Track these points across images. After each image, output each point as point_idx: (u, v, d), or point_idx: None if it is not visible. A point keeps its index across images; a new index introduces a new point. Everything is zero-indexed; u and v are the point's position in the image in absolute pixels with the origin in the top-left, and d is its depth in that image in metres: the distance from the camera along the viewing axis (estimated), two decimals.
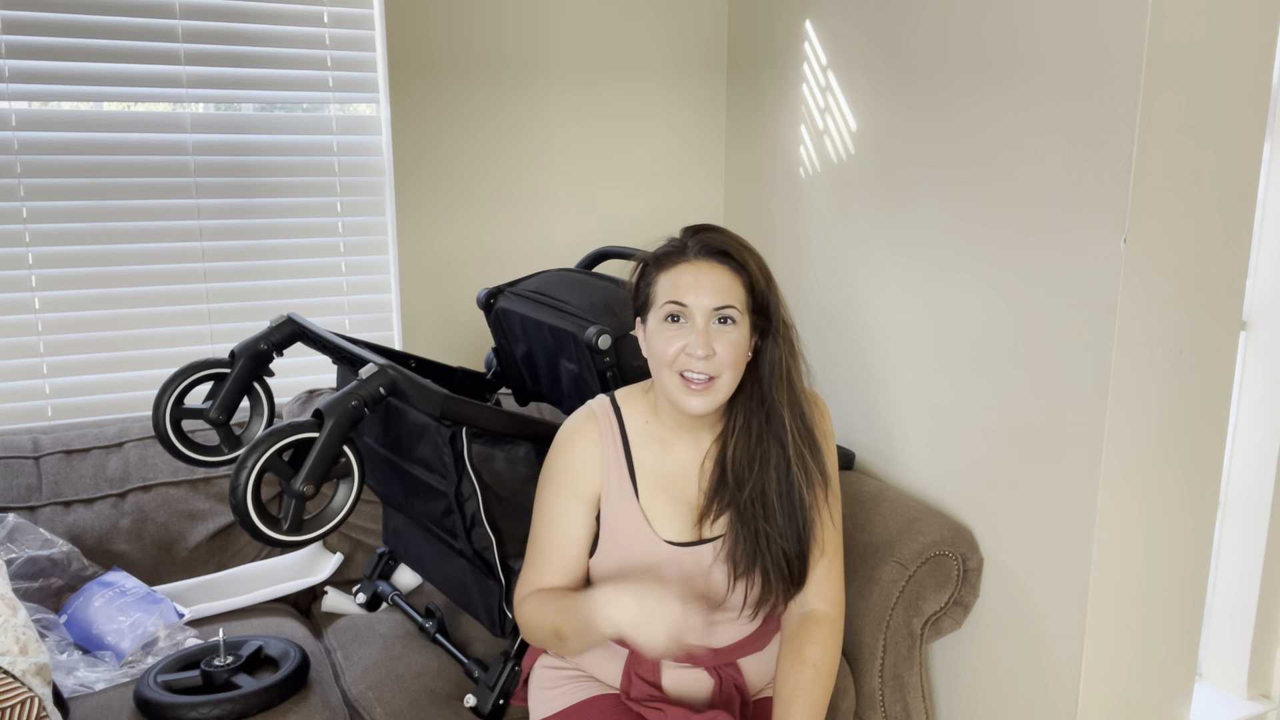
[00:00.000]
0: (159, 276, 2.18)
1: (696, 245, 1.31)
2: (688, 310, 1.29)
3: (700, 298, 1.28)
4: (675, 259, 1.32)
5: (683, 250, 1.32)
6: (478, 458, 1.52)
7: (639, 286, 1.37)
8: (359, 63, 2.25)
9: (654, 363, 1.33)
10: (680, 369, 1.30)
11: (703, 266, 1.30)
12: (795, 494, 1.36)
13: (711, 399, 1.30)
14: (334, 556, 2.02)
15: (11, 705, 1.27)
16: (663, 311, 1.31)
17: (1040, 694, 1.74)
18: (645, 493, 1.39)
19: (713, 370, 1.29)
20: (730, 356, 1.29)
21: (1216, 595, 2.04)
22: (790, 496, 1.35)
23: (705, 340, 1.28)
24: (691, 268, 1.30)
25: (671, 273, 1.31)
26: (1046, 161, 1.61)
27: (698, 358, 1.28)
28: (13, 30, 1.98)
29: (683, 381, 1.30)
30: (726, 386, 1.31)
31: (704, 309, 1.29)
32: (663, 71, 2.49)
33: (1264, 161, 1.83)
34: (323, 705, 1.56)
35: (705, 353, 1.28)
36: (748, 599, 1.38)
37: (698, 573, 1.38)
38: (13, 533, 1.77)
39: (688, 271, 1.30)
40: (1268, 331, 1.92)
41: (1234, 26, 1.50)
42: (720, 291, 1.29)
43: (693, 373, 1.29)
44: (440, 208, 2.34)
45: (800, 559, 1.38)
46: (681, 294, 1.29)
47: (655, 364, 1.33)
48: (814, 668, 1.35)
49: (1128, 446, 1.59)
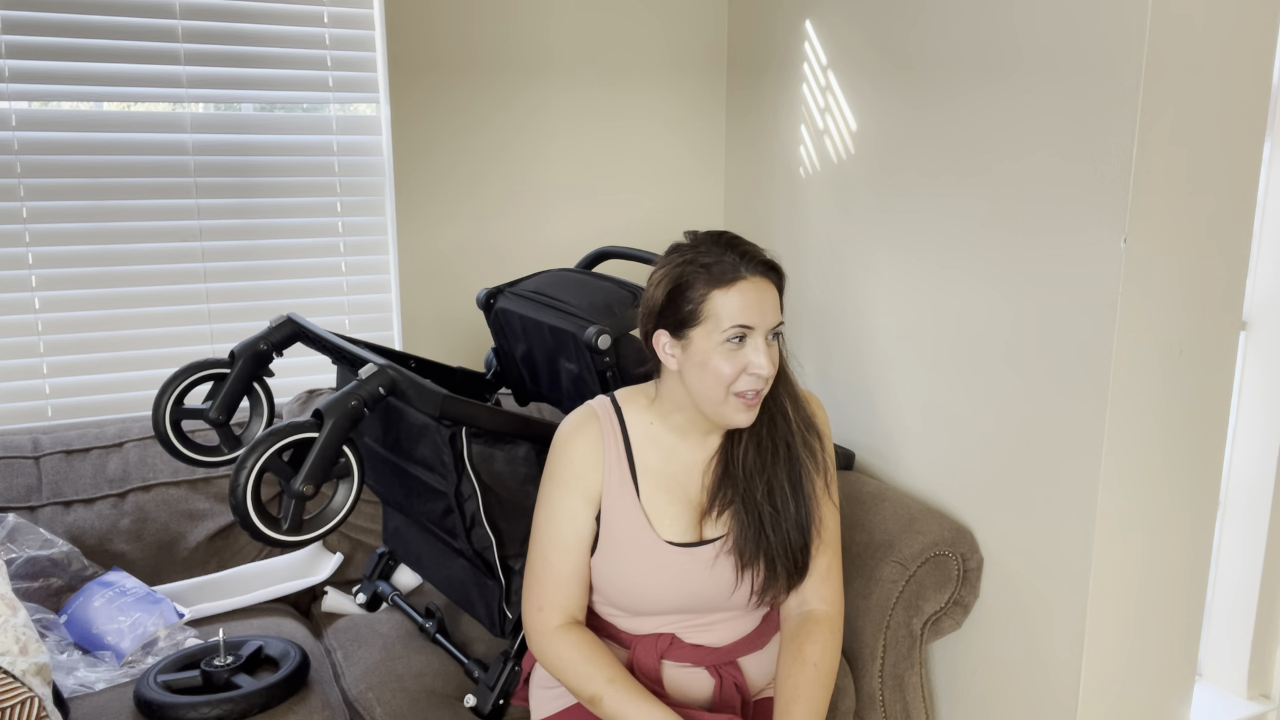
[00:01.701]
0: (159, 276, 2.18)
1: (748, 262, 1.29)
2: (753, 331, 1.28)
3: (765, 316, 1.28)
4: (732, 276, 1.27)
5: (735, 266, 1.28)
6: (478, 458, 1.52)
7: (679, 299, 1.29)
8: (359, 63, 2.25)
9: (707, 381, 1.29)
10: (740, 388, 1.29)
11: (761, 284, 1.29)
12: (804, 482, 1.38)
13: (757, 410, 1.33)
14: (334, 556, 2.02)
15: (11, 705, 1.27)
16: (728, 333, 1.27)
17: (1040, 694, 1.74)
18: (646, 492, 1.39)
19: (768, 385, 1.32)
20: (777, 367, 1.32)
21: (1216, 595, 2.04)
22: (799, 486, 1.38)
23: (770, 358, 1.29)
24: (753, 286, 1.28)
25: (731, 291, 1.27)
26: (1047, 162, 1.61)
27: (764, 377, 1.29)
28: (13, 30, 1.98)
29: (738, 398, 1.30)
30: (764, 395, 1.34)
31: (768, 327, 1.29)
32: (663, 72, 2.49)
33: (1264, 162, 1.83)
34: (323, 705, 1.56)
35: (771, 371, 1.29)
36: (753, 588, 1.39)
37: (700, 572, 1.38)
38: (13, 533, 1.77)
39: (751, 290, 1.28)
40: (1268, 331, 1.92)
41: (1234, 27, 1.50)
42: (777, 308, 1.31)
43: (752, 390, 1.30)
44: (440, 208, 2.34)
45: (804, 548, 1.39)
46: (749, 315, 1.27)
47: (710, 382, 1.29)
48: (814, 667, 1.36)
49: (1128, 446, 1.59)
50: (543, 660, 1.39)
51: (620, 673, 1.33)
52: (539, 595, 1.39)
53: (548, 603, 1.38)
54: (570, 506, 1.38)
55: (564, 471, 1.39)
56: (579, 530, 1.38)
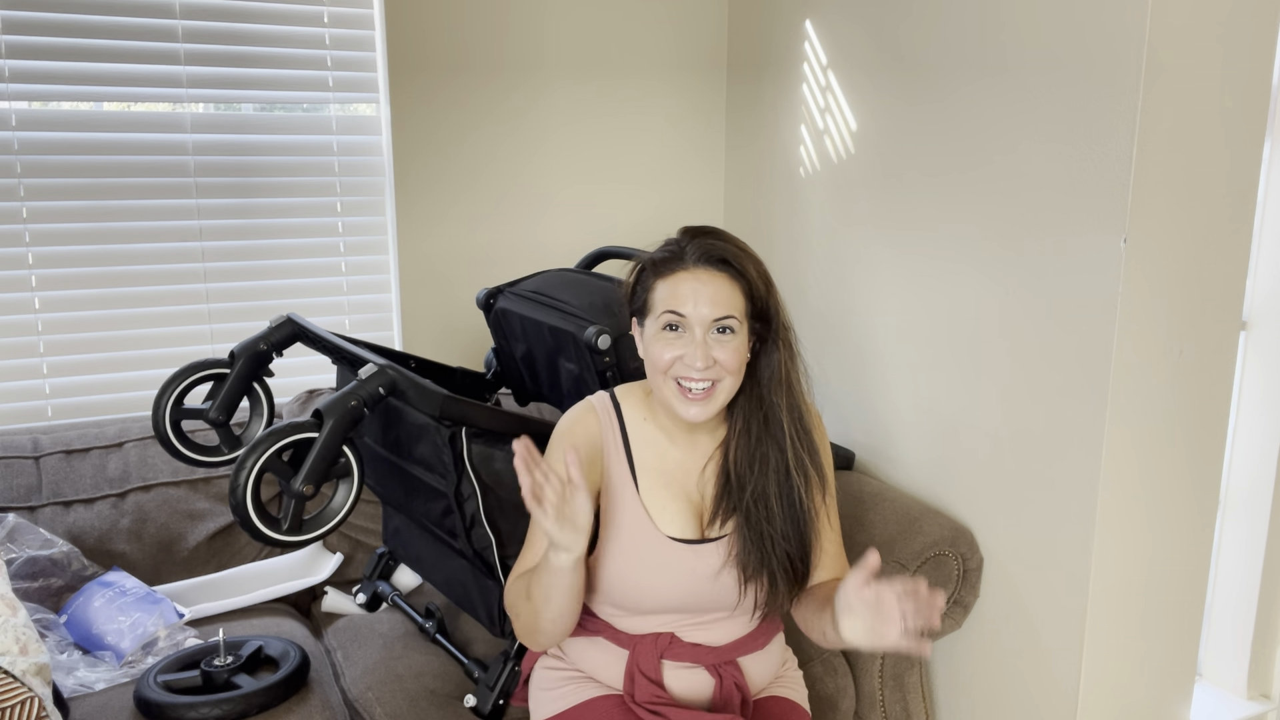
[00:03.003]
0: (159, 276, 2.18)
1: (695, 252, 1.29)
2: (686, 321, 1.28)
3: (699, 308, 1.27)
4: (673, 266, 1.30)
5: (680, 257, 1.29)
6: (477, 458, 1.52)
7: (635, 290, 1.35)
8: (359, 63, 2.25)
9: (651, 369, 1.33)
10: (676, 375, 1.29)
11: (702, 275, 1.28)
12: (795, 496, 1.36)
13: (710, 407, 1.30)
14: (334, 556, 2.02)
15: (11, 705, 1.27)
16: (661, 320, 1.29)
17: (1040, 694, 1.74)
18: (645, 488, 1.39)
19: (713, 377, 1.29)
20: (732, 363, 1.29)
21: (1216, 595, 2.04)
22: (790, 499, 1.36)
23: (704, 352, 1.27)
24: (690, 276, 1.28)
25: (670, 281, 1.29)
26: (1047, 161, 1.61)
27: (696, 369, 1.27)
28: (13, 30, 1.98)
29: (679, 389, 1.30)
30: (726, 393, 1.31)
31: (703, 319, 1.27)
32: (663, 71, 2.49)
33: (1264, 161, 1.83)
34: (323, 705, 1.56)
35: (704, 364, 1.27)
36: (757, 600, 1.39)
37: (704, 573, 1.38)
38: (13, 533, 1.77)
39: (686, 281, 1.28)
40: (1268, 331, 1.92)
41: (1234, 27, 1.50)
42: (719, 302, 1.28)
43: (690, 382, 1.29)
44: (440, 208, 2.34)
45: (803, 560, 1.39)
46: (680, 304, 1.28)
47: (652, 370, 1.32)
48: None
49: (1128, 446, 1.59)
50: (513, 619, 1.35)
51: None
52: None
53: None
54: None
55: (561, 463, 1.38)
56: None
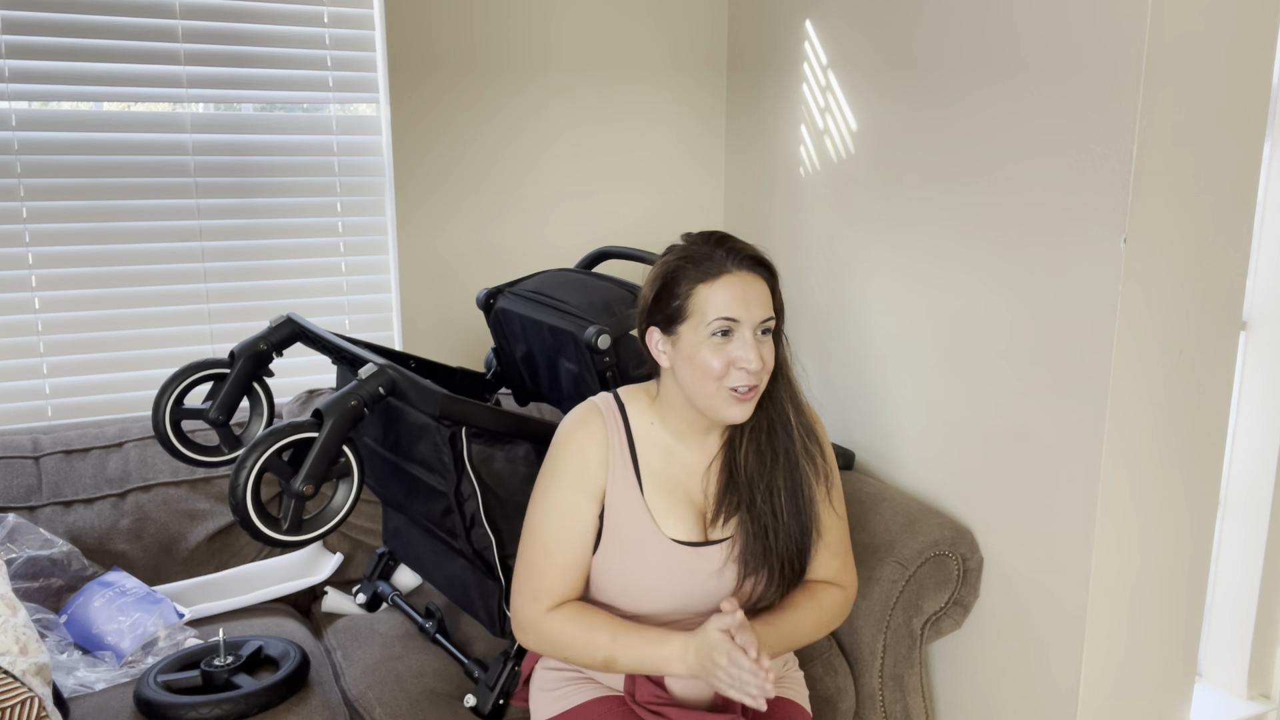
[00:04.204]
0: (159, 276, 2.18)
1: (735, 256, 1.30)
2: (738, 325, 1.29)
3: (751, 310, 1.29)
4: (717, 270, 1.29)
5: (720, 260, 1.30)
6: (477, 458, 1.52)
7: (666, 296, 1.32)
8: (359, 63, 2.25)
9: (696, 375, 1.31)
10: (731, 383, 1.30)
11: (747, 278, 1.30)
12: (804, 489, 1.38)
13: (752, 405, 1.33)
14: (334, 556, 2.02)
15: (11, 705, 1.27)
16: (712, 326, 1.28)
17: (1040, 694, 1.74)
18: (650, 490, 1.39)
19: (759, 380, 1.31)
20: (772, 363, 1.32)
21: (1216, 595, 2.03)
22: (799, 492, 1.38)
23: (759, 353, 1.29)
24: (738, 280, 1.29)
25: (716, 285, 1.29)
26: (1047, 161, 1.61)
27: (751, 371, 1.29)
28: (13, 30, 1.98)
29: (730, 393, 1.30)
30: (760, 392, 1.34)
31: (754, 321, 1.29)
32: (663, 72, 2.49)
33: (1264, 161, 1.83)
34: (323, 705, 1.56)
35: (759, 366, 1.29)
36: (752, 595, 1.39)
37: (706, 573, 1.38)
38: (13, 533, 1.77)
39: (735, 284, 1.29)
40: (1268, 331, 1.92)
41: (1234, 26, 1.50)
42: (765, 303, 1.31)
43: (743, 385, 1.30)
44: (440, 208, 2.34)
45: (802, 554, 1.41)
46: (734, 308, 1.28)
47: (699, 376, 1.30)
48: (818, 605, 1.41)
49: (1128, 446, 1.59)
50: (542, 644, 1.37)
51: (621, 625, 1.34)
52: (537, 585, 1.38)
53: (545, 592, 1.37)
54: (573, 500, 1.38)
55: (567, 466, 1.38)
56: (581, 523, 1.38)
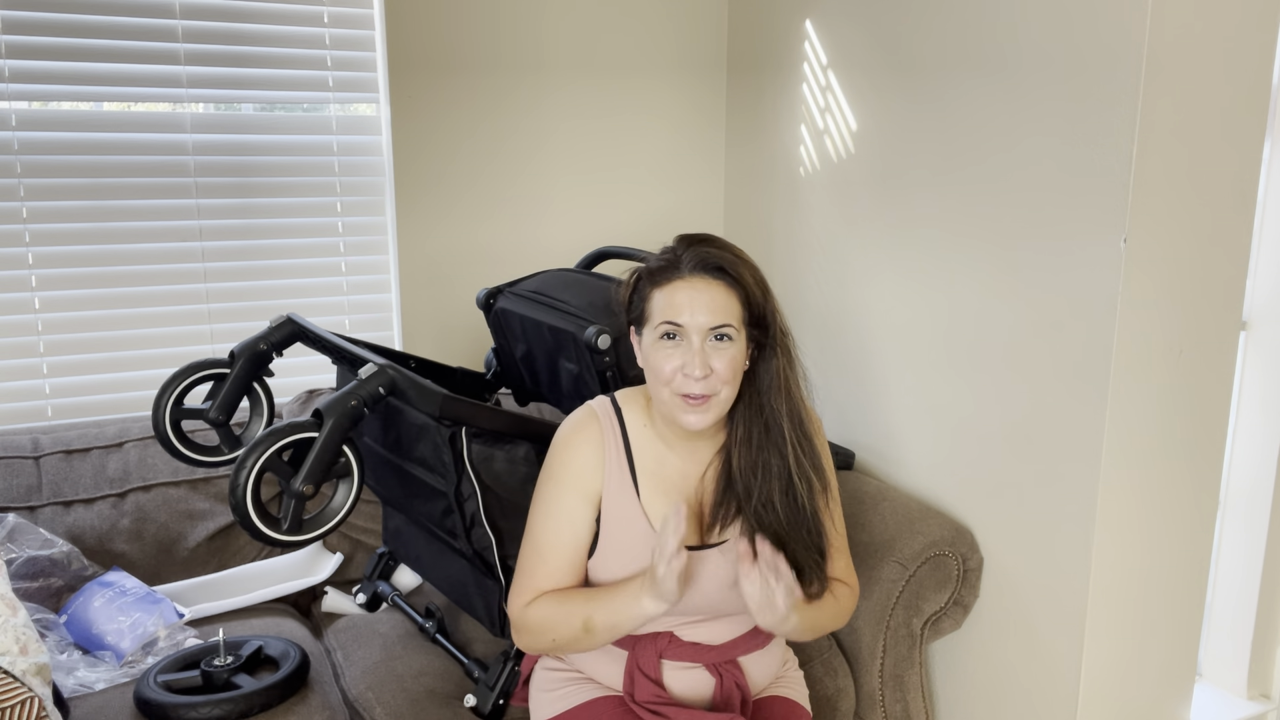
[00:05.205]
0: (159, 276, 2.18)
1: (691, 261, 1.29)
2: (683, 330, 1.28)
3: (696, 316, 1.27)
4: (669, 275, 1.30)
5: (676, 266, 1.30)
6: (477, 458, 1.52)
7: (632, 299, 1.36)
8: (359, 63, 2.25)
9: (651, 378, 1.33)
10: (678, 389, 1.29)
11: (698, 284, 1.28)
12: (799, 501, 1.36)
13: (709, 414, 1.30)
14: (334, 556, 2.02)
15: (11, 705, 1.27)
16: (658, 330, 1.30)
17: (1040, 694, 1.74)
18: (646, 494, 1.39)
19: (710, 388, 1.29)
20: (727, 373, 1.29)
21: (1216, 595, 2.04)
22: (794, 505, 1.36)
23: (702, 361, 1.27)
24: (686, 285, 1.28)
25: (666, 290, 1.29)
26: (1047, 161, 1.61)
27: (695, 379, 1.28)
28: (13, 30, 1.98)
29: (681, 398, 1.30)
30: (724, 401, 1.31)
31: (700, 328, 1.28)
32: (663, 71, 2.49)
33: (1264, 161, 1.83)
34: (323, 705, 1.56)
35: (702, 373, 1.27)
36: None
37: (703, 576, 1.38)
38: (13, 533, 1.77)
39: (683, 289, 1.28)
40: (1268, 331, 1.92)
41: (1234, 26, 1.50)
42: (716, 310, 1.28)
43: (690, 389, 1.29)
44: (440, 208, 2.34)
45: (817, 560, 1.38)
46: (677, 314, 1.28)
47: (652, 379, 1.32)
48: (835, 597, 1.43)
49: (1128, 446, 1.59)
50: (532, 639, 1.38)
51: (594, 589, 1.35)
52: (531, 589, 1.38)
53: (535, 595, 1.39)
54: (569, 505, 1.38)
55: (564, 471, 1.39)
56: (577, 529, 1.38)
